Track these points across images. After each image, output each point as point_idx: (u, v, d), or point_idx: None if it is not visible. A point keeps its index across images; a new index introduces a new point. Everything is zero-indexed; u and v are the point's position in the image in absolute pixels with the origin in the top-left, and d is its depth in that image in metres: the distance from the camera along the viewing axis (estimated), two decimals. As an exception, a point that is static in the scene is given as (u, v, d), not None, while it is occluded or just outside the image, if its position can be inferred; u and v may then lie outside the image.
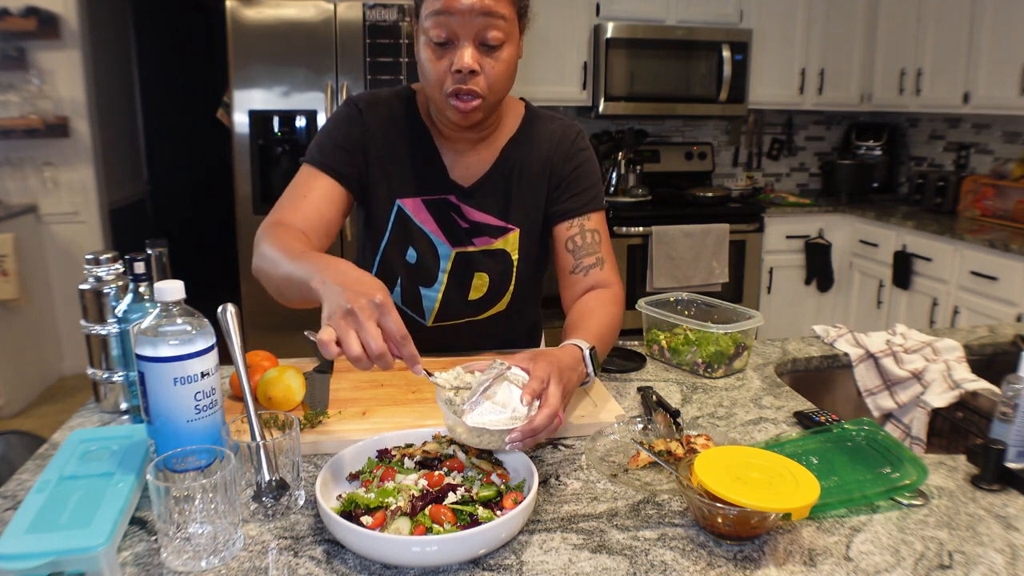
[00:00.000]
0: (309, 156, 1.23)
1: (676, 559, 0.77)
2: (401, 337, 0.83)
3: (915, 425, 1.32)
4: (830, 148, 4.72)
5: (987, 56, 3.44)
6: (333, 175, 1.21)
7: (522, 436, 0.85)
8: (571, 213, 1.28)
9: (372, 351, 0.81)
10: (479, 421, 0.85)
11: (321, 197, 1.19)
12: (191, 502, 0.74)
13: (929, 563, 0.77)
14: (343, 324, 0.82)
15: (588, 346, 1.05)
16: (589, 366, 1.05)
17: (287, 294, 1.04)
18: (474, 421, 0.85)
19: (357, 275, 0.89)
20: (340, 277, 0.88)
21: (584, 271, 1.27)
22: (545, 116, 1.32)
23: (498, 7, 1.07)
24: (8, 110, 3.55)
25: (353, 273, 0.89)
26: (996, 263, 3.12)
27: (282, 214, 1.17)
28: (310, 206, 1.18)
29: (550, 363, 0.93)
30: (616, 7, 3.87)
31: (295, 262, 0.98)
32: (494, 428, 0.85)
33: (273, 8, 3.22)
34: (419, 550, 0.72)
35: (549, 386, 0.90)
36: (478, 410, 0.86)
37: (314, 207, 1.18)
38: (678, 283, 3.73)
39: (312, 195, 1.19)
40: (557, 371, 0.92)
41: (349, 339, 0.81)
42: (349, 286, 0.85)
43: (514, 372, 0.92)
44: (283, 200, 1.20)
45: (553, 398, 0.88)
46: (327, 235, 1.20)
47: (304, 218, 1.16)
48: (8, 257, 3.31)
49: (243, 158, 3.34)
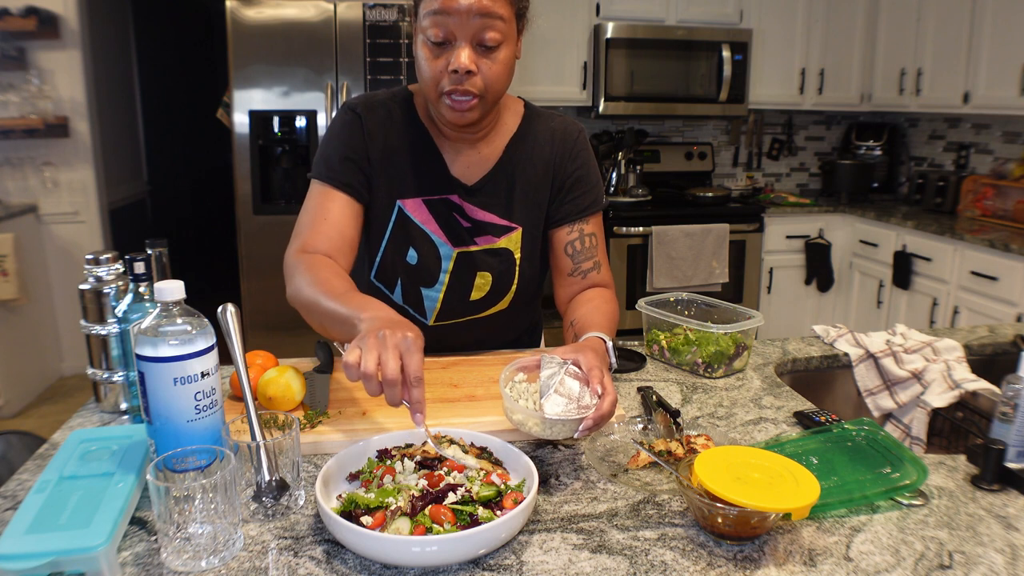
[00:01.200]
0: (317, 172, 1.23)
1: (676, 559, 0.77)
2: (415, 379, 0.86)
3: (915, 425, 1.32)
4: (830, 148, 4.72)
5: (987, 56, 3.44)
6: (346, 190, 1.22)
7: (595, 424, 0.92)
8: (571, 218, 1.30)
9: (386, 373, 0.84)
10: (555, 412, 0.90)
11: (339, 216, 1.21)
12: (191, 502, 0.74)
13: (929, 563, 0.77)
14: (369, 343, 0.86)
15: (609, 338, 1.12)
16: (612, 357, 1.11)
17: (330, 329, 1.08)
18: (551, 413, 0.90)
19: (398, 317, 0.95)
20: (383, 315, 0.95)
21: (582, 275, 1.30)
22: (545, 114, 1.32)
23: (496, 8, 1.08)
24: (8, 110, 3.55)
25: (395, 316, 0.95)
26: (996, 263, 3.13)
27: (306, 240, 1.19)
28: (332, 228, 1.20)
29: (593, 354, 0.99)
30: (616, 7, 3.87)
31: (338, 301, 1.03)
32: (568, 418, 0.90)
33: (273, 8, 3.22)
34: (419, 550, 0.72)
35: (603, 376, 0.96)
36: (550, 402, 0.91)
37: (336, 228, 1.20)
38: (678, 283, 3.74)
39: (331, 216, 1.21)
40: (599, 361, 0.99)
41: (368, 356, 0.85)
42: (386, 320, 0.91)
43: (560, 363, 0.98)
44: (303, 223, 1.22)
45: (611, 386, 0.95)
46: (352, 252, 1.23)
47: (329, 241, 1.19)
48: (8, 257, 3.31)
49: (243, 158, 3.34)
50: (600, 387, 0.94)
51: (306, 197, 1.24)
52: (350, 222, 1.22)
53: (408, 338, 0.87)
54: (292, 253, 1.18)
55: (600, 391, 0.93)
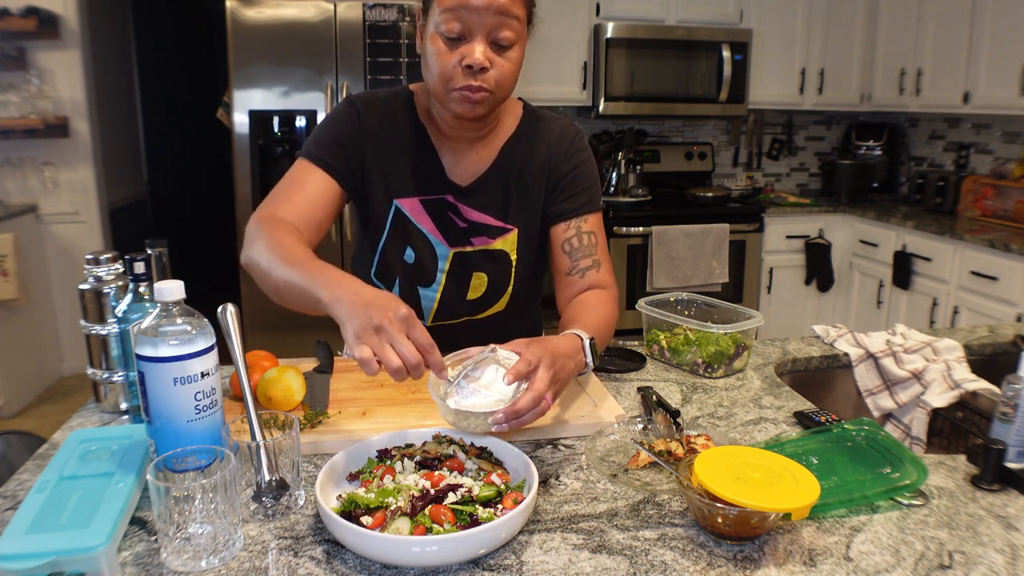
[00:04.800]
0: (305, 150, 1.23)
1: (676, 559, 0.77)
2: (429, 345, 0.86)
3: (915, 425, 1.32)
4: (830, 148, 4.72)
5: (987, 56, 3.44)
6: (328, 170, 1.21)
7: (505, 418, 0.87)
8: (568, 214, 1.28)
9: (409, 362, 0.84)
10: (463, 404, 0.86)
11: (315, 192, 1.20)
12: (191, 502, 0.74)
13: (929, 563, 0.77)
14: (377, 340, 0.85)
15: (588, 336, 1.06)
16: (588, 355, 1.05)
17: (286, 297, 1.05)
18: (456, 404, 0.86)
19: (373, 292, 0.91)
20: (355, 296, 0.90)
21: (580, 273, 1.27)
22: (544, 115, 1.32)
23: (513, 7, 1.08)
24: (8, 110, 3.55)
25: (368, 291, 0.91)
26: (996, 263, 3.12)
27: (275, 207, 1.17)
28: (303, 200, 1.18)
29: (543, 348, 0.95)
30: (616, 7, 3.87)
31: (296, 269, 0.99)
32: (477, 411, 0.86)
33: (273, 8, 3.22)
34: (419, 550, 0.72)
35: (538, 370, 0.91)
36: (462, 393, 0.87)
37: (307, 201, 1.18)
38: (678, 283, 3.73)
39: (306, 189, 1.19)
40: (550, 356, 0.94)
41: (387, 353, 0.84)
42: (370, 303, 0.88)
43: (505, 356, 0.93)
44: (276, 192, 1.20)
45: (540, 382, 0.90)
46: (318, 230, 1.20)
47: (297, 212, 1.17)
48: (8, 257, 3.31)
49: (243, 158, 3.34)
50: (512, 378, 0.89)
51: (287, 171, 1.22)
52: (324, 200, 1.20)
53: (402, 314, 0.87)
54: (256, 217, 1.15)
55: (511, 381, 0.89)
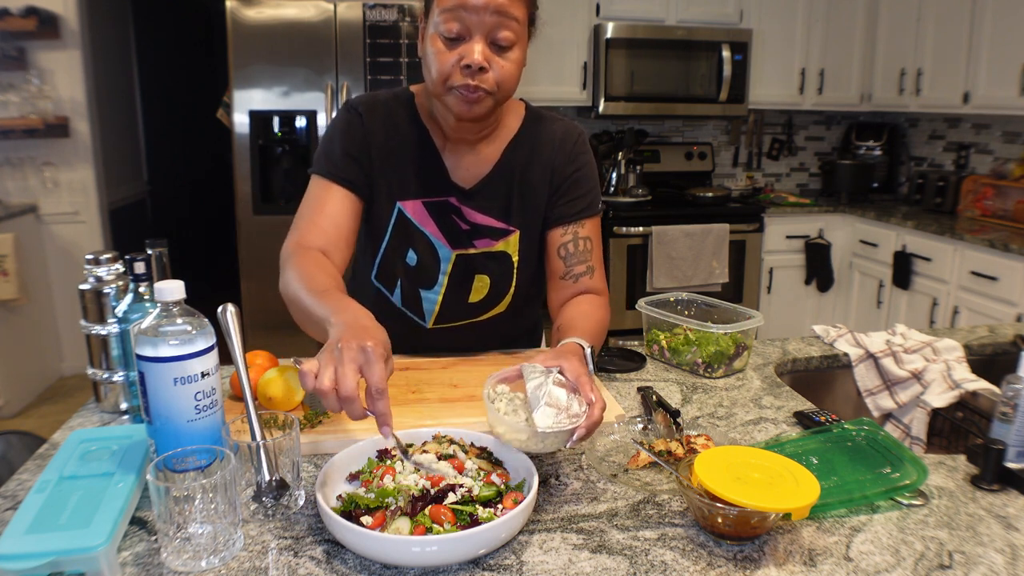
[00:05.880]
0: (318, 167, 1.23)
1: (676, 559, 0.77)
2: (376, 391, 0.83)
3: (915, 425, 1.32)
4: (830, 148, 4.72)
5: (987, 56, 3.44)
6: (345, 185, 1.22)
7: (587, 432, 0.89)
8: (566, 219, 1.28)
9: (341, 390, 0.81)
10: (547, 425, 0.86)
11: (337, 209, 1.21)
12: (191, 502, 0.74)
13: (929, 563, 0.77)
14: (326, 358, 0.83)
15: (588, 345, 1.07)
16: (590, 363, 1.07)
17: (307, 328, 1.07)
18: (544, 426, 0.86)
19: (365, 322, 0.90)
20: (351, 319, 0.90)
21: (574, 278, 1.28)
22: (547, 117, 1.32)
23: (512, 8, 1.08)
24: (8, 110, 3.55)
25: (363, 320, 0.91)
26: (996, 263, 3.12)
27: (302, 234, 1.19)
28: (328, 222, 1.20)
29: (580, 360, 0.97)
30: (616, 7, 3.87)
31: (316, 299, 1.01)
32: (561, 429, 0.87)
33: (273, 8, 3.22)
34: (419, 550, 0.72)
35: (591, 381, 0.94)
36: (540, 415, 0.88)
37: (332, 222, 1.20)
38: (678, 283, 3.73)
39: (328, 209, 1.21)
40: (584, 366, 0.97)
41: (324, 372, 0.81)
42: (351, 327, 0.87)
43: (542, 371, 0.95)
44: (300, 216, 1.22)
45: (599, 392, 0.93)
46: (348, 247, 1.22)
47: (325, 235, 1.19)
48: (8, 257, 3.31)
49: (243, 158, 3.34)
50: (592, 394, 0.91)
51: (306, 192, 1.24)
52: (347, 217, 1.22)
53: (367, 349, 0.83)
54: (287, 246, 1.18)
55: (593, 398, 0.91)
